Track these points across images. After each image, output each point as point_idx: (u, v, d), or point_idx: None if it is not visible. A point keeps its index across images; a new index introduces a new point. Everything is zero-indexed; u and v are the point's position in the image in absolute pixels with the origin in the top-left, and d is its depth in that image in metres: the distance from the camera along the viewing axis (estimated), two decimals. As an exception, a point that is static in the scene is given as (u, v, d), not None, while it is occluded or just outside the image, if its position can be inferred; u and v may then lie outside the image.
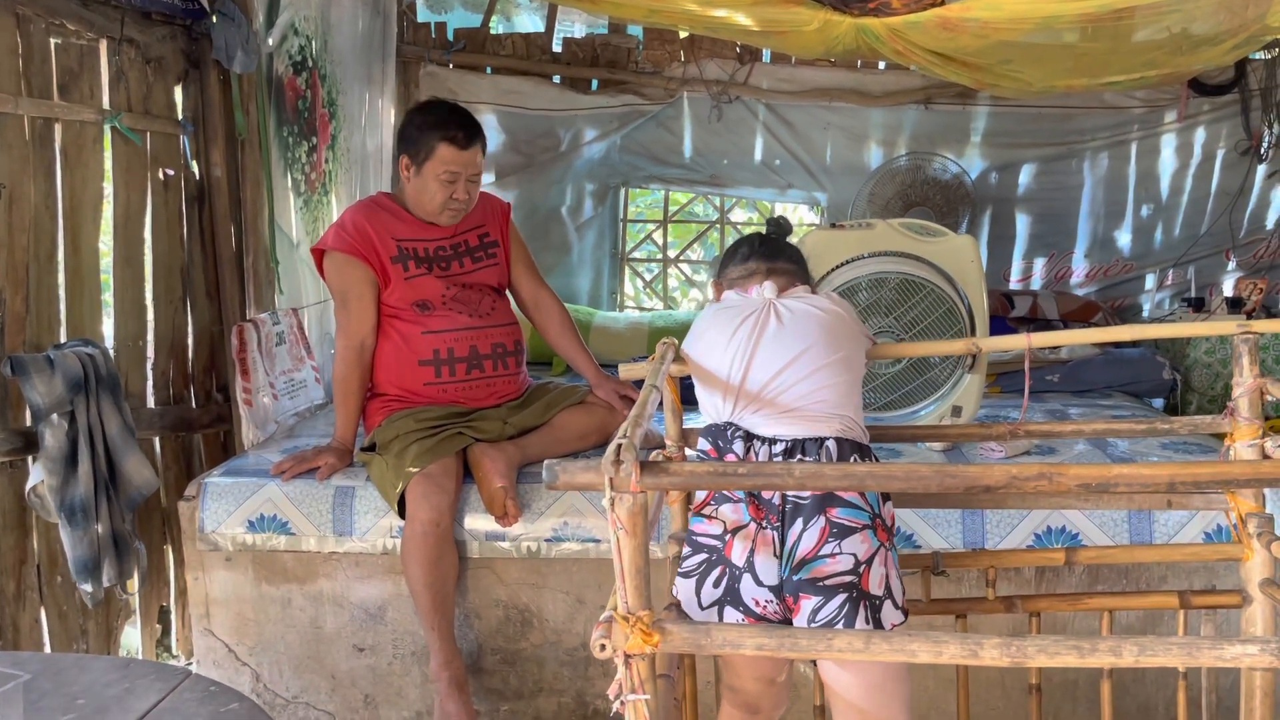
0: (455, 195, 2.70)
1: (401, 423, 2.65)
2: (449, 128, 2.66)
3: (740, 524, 1.76)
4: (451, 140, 2.66)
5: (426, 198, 2.71)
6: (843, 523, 1.74)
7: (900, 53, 3.08)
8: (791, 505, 1.76)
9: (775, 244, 2.06)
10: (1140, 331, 2.22)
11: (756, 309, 1.91)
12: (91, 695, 1.51)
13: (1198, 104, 4.72)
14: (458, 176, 2.68)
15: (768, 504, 1.77)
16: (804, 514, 1.75)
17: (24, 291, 2.60)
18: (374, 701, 2.72)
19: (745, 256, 2.03)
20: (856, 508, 1.76)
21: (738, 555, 1.75)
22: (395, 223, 2.76)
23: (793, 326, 1.88)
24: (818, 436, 1.80)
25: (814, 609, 1.72)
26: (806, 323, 1.88)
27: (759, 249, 2.04)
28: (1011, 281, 5.00)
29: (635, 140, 4.88)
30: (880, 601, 1.76)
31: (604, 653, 1.14)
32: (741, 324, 1.88)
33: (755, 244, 2.06)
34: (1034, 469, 1.11)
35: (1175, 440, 2.91)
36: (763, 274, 1.99)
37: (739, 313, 1.91)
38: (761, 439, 1.81)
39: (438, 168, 2.67)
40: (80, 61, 2.79)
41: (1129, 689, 2.60)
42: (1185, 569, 2.53)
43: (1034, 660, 1.11)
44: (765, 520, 1.76)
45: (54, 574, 2.70)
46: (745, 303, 1.94)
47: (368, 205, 2.82)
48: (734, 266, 2.03)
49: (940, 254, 2.82)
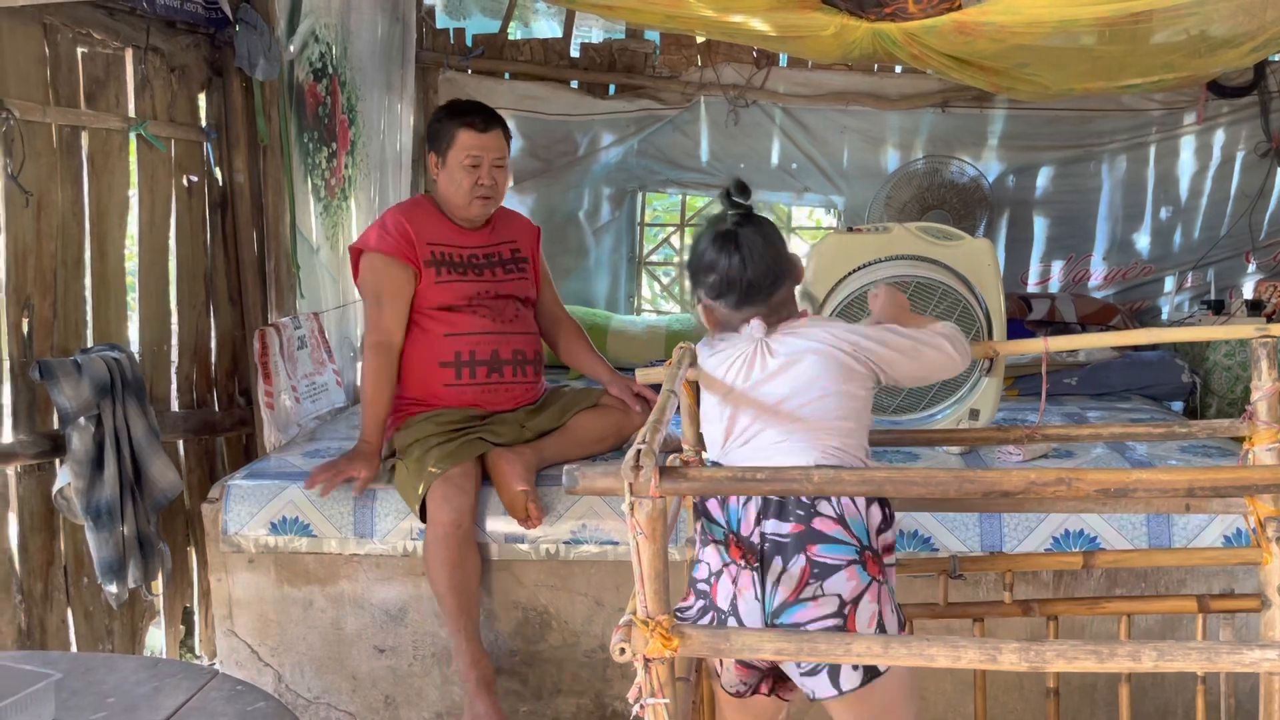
0: (480, 180, 2.74)
1: (420, 426, 2.68)
2: (466, 115, 2.77)
3: (720, 566, 1.68)
4: (470, 125, 2.74)
5: (454, 188, 2.76)
6: (825, 561, 1.62)
7: (917, 57, 3.09)
8: (771, 544, 1.64)
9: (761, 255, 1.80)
10: (1158, 335, 2.22)
11: (745, 348, 1.80)
12: (121, 694, 1.53)
13: (1216, 106, 4.70)
14: (480, 160, 2.74)
15: (747, 542, 1.66)
16: (784, 553, 1.63)
17: (52, 297, 2.64)
18: (394, 702, 2.75)
19: (745, 299, 1.81)
20: (840, 543, 1.64)
21: (722, 599, 1.67)
22: (434, 226, 2.80)
23: (786, 366, 1.76)
24: (800, 465, 1.69)
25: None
26: (801, 359, 1.76)
27: (753, 282, 1.79)
28: (1029, 284, 4.98)
29: (652, 145, 4.90)
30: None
31: (624, 656, 1.15)
32: (730, 365, 1.79)
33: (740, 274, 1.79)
34: (1052, 474, 1.12)
35: (1194, 444, 2.91)
36: (765, 313, 1.82)
37: (732, 353, 1.81)
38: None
39: (460, 154, 2.73)
40: (106, 70, 2.83)
41: (1148, 692, 2.59)
42: (1204, 572, 2.53)
43: (1052, 665, 1.12)
44: (744, 560, 1.66)
45: (80, 575, 2.73)
46: (731, 345, 1.82)
47: (409, 207, 2.88)
48: (731, 302, 1.82)
49: (957, 257, 2.82)
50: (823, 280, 2.83)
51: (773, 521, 1.65)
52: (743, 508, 1.67)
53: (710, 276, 1.82)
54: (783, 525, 1.64)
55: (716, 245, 1.81)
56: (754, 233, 1.82)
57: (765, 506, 1.66)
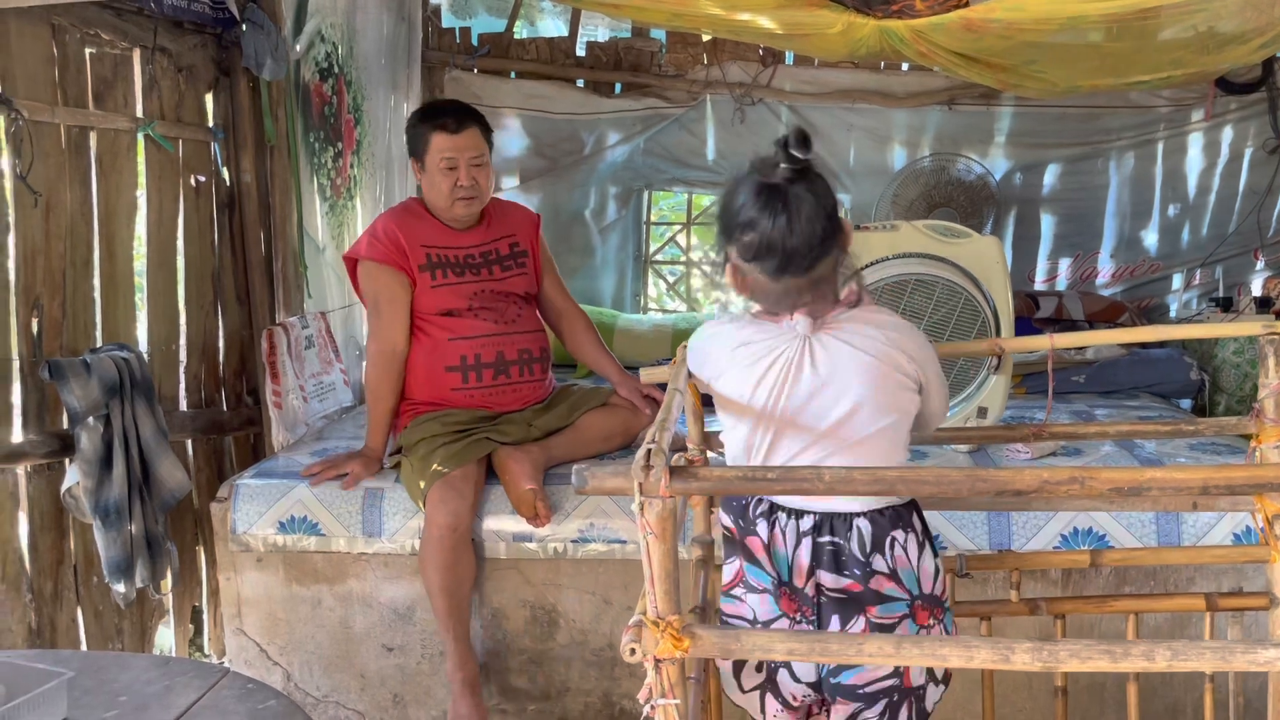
0: (459, 181, 2.72)
1: (427, 425, 2.68)
2: (438, 117, 2.75)
3: (771, 617, 1.60)
4: (442, 127, 2.72)
5: (436, 192, 2.75)
6: (882, 622, 1.57)
7: (924, 54, 3.08)
8: (828, 600, 1.57)
9: (807, 220, 1.55)
10: (1165, 332, 2.22)
11: (786, 348, 1.59)
12: (133, 692, 1.54)
13: (1225, 102, 4.68)
14: (456, 162, 2.72)
15: (801, 594, 1.58)
16: (840, 610, 1.56)
17: (61, 297, 2.65)
18: (403, 701, 2.75)
19: (776, 256, 1.57)
20: (894, 600, 1.58)
21: None
22: (426, 230, 2.79)
23: (832, 380, 1.57)
24: (847, 512, 1.58)
25: (852, 714, 1.61)
26: (849, 375, 1.57)
27: (795, 251, 1.56)
28: (1036, 282, 4.98)
29: (658, 143, 4.90)
30: (923, 689, 1.64)
31: (634, 657, 1.15)
32: (767, 371, 1.59)
33: (783, 238, 1.55)
34: (1065, 473, 1.11)
35: (1202, 441, 2.90)
36: (804, 295, 1.59)
37: (764, 352, 1.60)
38: (788, 512, 1.60)
39: (436, 158, 2.72)
40: (114, 71, 2.84)
41: (1157, 691, 2.59)
42: (1213, 570, 2.52)
43: (1065, 665, 1.11)
44: (799, 614, 1.59)
45: (90, 574, 2.74)
46: (771, 338, 1.61)
47: (399, 212, 2.86)
48: (768, 269, 1.59)
49: (965, 255, 2.82)
50: (830, 278, 2.82)
51: (829, 575, 1.57)
52: (792, 554, 1.58)
53: (748, 235, 1.58)
54: (840, 580, 1.56)
55: (761, 201, 1.57)
56: (806, 191, 1.57)
57: (817, 556, 1.57)
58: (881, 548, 1.57)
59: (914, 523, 1.63)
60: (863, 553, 1.57)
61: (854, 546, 1.57)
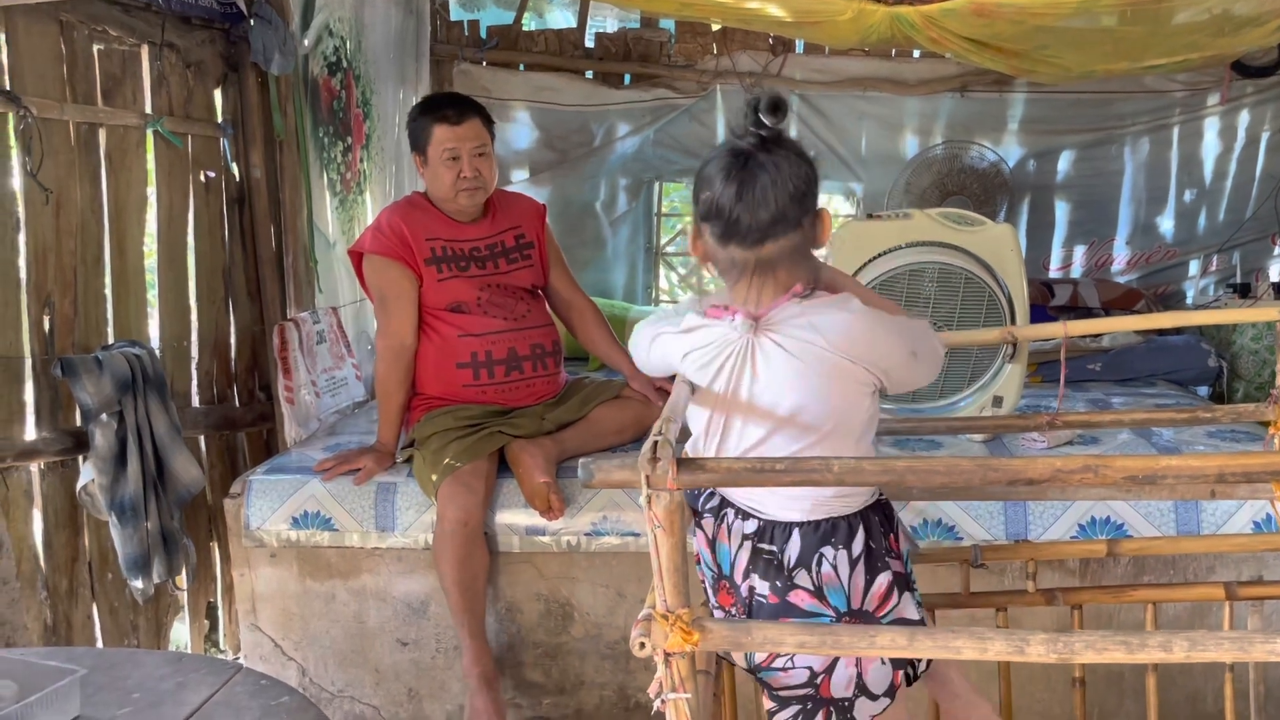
0: (463, 173, 2.71)
1: (440, 420, 2.68)
2: (438, 108, 2.74)
3: (714, 606, 1.63)
4: (443, 119, 2.71)
5: (439, 184, 2.74)
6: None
7: (935, 40, 3.06)
8: (756, 602, 1.57)
9: (764, 195, 1.49)
10: (1181, 318, 2.19)
11: (732, 347, 1.53)
12: (146, 689, 1.54)
13: (1241, 86, 4.63)
14: (459, 152, 2.70)
15: (737, 592, 1.59)
16: (762, 616, 1.56)
17: (72, 294, 2.65)
18: (418, 695, 2.76)
19: (729, 231, 1.52)
20: (814, 615, 1.55)
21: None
22: (430, 223, 2.78)
23: (770, 386, 1.52)
24: (786, 521, 1.56)
25: (771, 711, 1.62)
26: (786, 381, 1.51)
27: (743, 218, 1.50)
28: (1051, 270, 4.94)
29: (668, 134, 4.88)
30: (850, 702, 1.58)
31: (644, 651, 1.14)
32: (717, 374, 1.54)
33: (733, 203, 1.50)
34: (1079, 461, 1.10)
35: (1220, 428, 2.87)
36: (748, 271, 1.54)
37: (712, 355, 1.55)
38: (736, 511, 1.59)
39: (438, 150, 2.71)
40: (123, 67, 2.84)
41: (1176, 680, 2.57)
42: (1233, 559, 2.49)
43: (1081, 656, 1.10)
44: (734, 609, 1.59)
45: (105, 571, 2.75)
46: (717, 338, 1.55)
47: (403, 206, 2.85)
48: (714, 232, 1.54)
49: (978, 243, 2.79)
50: (842, 267, 2.80)
51: (759, 580, 1.57)
52: (735, 552, 1.59)
53: (704, 192, 1.54)
54: (763, 586, 1.56)
55: (723, 161, 1.52)
56: (769, 162, 1.51)
57: (754, 561, 1.57)
58: (808, 564, 1.55)
59: (854, 538, 1.56)
60: (787, 566, 1.56)
61: (783, 558, 1.56)
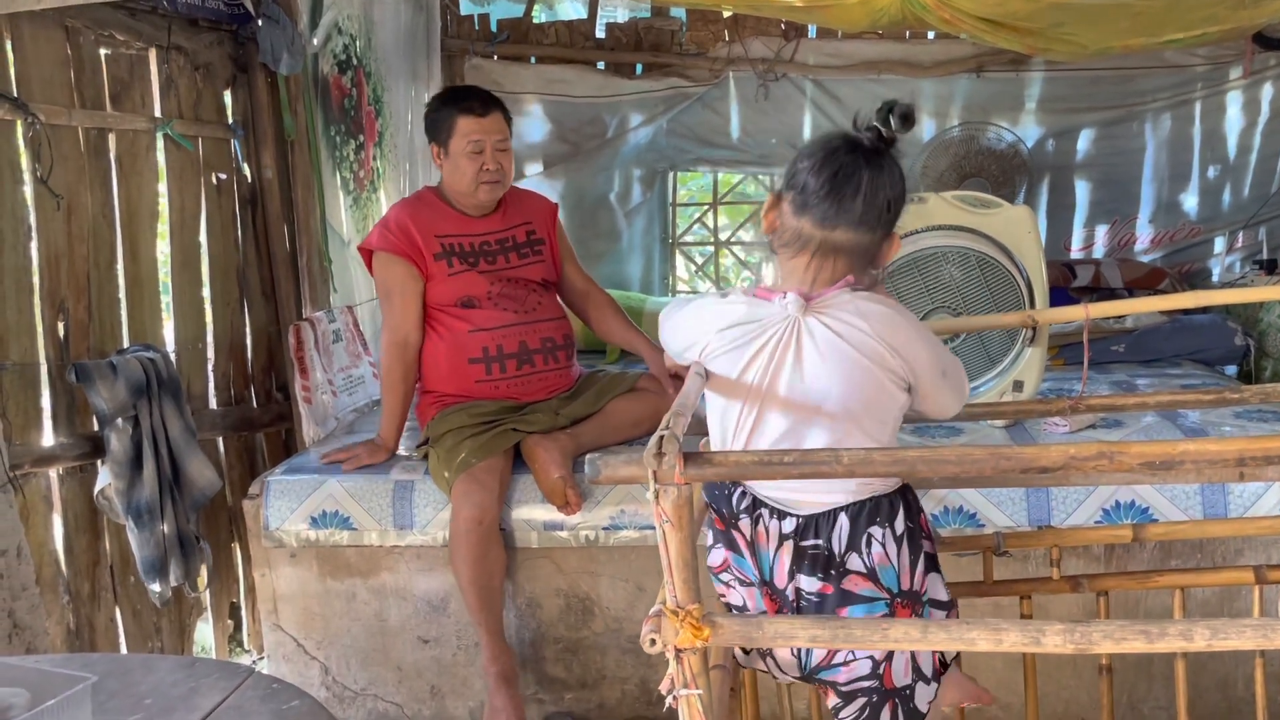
0: (486, 166, 2.70)
1: (454, 417, 2.67)
2: (463, 100, 2.74)
3: (757, 614, 1.58)
4: (468, 110, 2.70)
5: (459, 176, 2.73)
6: None
7: (948, 21, 3.01)
8: (806, 602, 1.55)
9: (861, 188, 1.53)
10: (1206, 297, 2.15)
11: (776, 330, 1.52)
12: (158, 695, 1.54)
13: (1264, 59, 4.54)
14: (483, 145, 2.70)
15: (781, 596, 1.57)
16: (816, 614, 1.54)
17: (86, 300, 2.66)
18: (440, 692, 2.75)
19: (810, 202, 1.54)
20: (870, 600, 1.54)
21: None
22: (440, 219, 2.77)
23: (815, 370, 1.51)
24: (831, 508, 1.54)
25: (836, 708, 1.61)
26: (832, 366, 1.51)
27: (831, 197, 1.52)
28: (1073, 251, 4.87)
29: (682, 123, 4.84)
30: (910, 689, 1.59)
31: (654, 648, 1.13)
32: (757, 354, 1.53)
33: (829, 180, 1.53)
34: (1093, 448, 1.07)
35: (1249, 409, 2.82)
36: (811, 248, 1.54)
37: (755, 333, 1.54)
38: (771, 510, 1.57)
39: (461, 142, 2.69)
40: (130, 71, 2.84)
41: (1206, 665, 2.53)
42: (1262, 542, 2.45)
43: (1099, 647, 1.07)
44: (782, 614, 1.56)
45: (126, 574, 2.76)
46: (761, 318, 1.54)
47: (412, 202, 2.84)
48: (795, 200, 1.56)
49: (996, 226, 2.75)
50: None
51: (805, 578, 1.55)
52: (774, 555, 1.56)
53: (802, 163, 1.56)
54: (814, 583, 1.54)
55: (832, 144, 1.56)
56: (878, 163, 1.55)
57: (798, 560, 1.54)
58: (858, 546, 1.54)
59: (896, 516, 1.57)
60: (840, 553, 1.53)
61: (834, 546, 1.54)
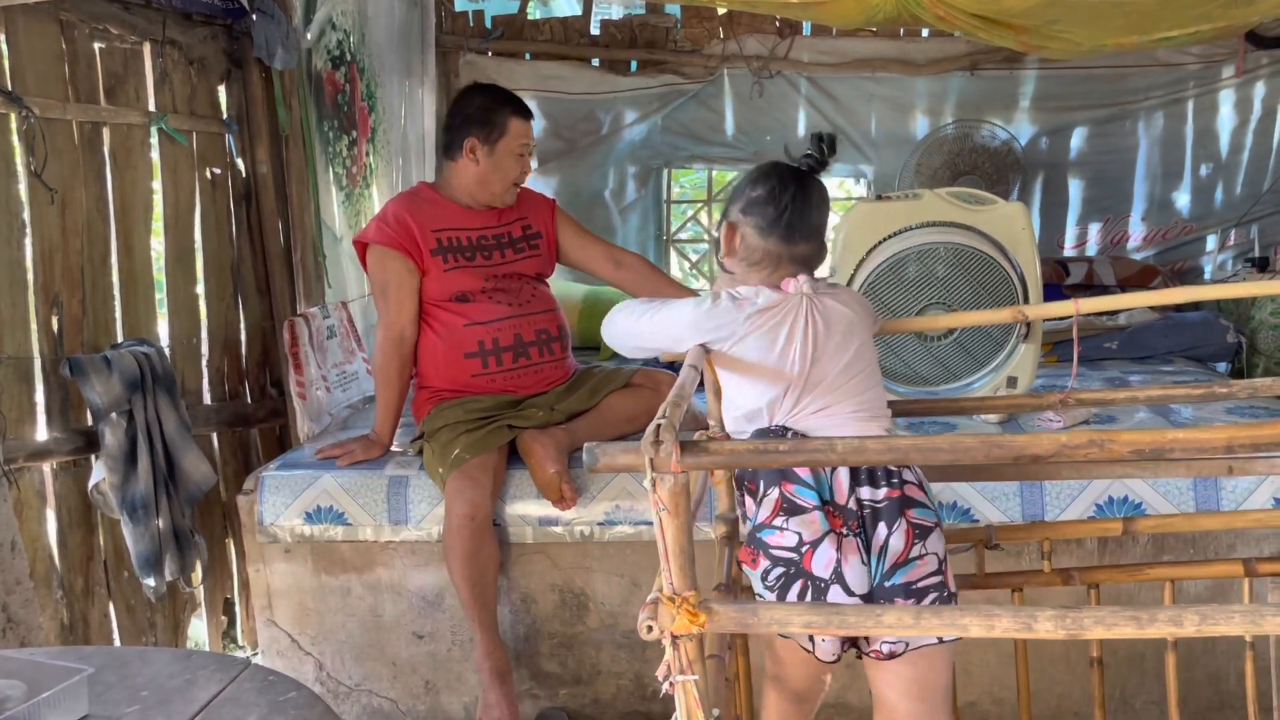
0: (525, 169, 2.79)
1: (450, 412, 2.67)
2: (515, 103, 2.79)
3: (819, 534, 1.67)
4: (520, 113, 2.77)
5: (498, 176, 2.76)
6: (921, 523, 1.69)
7: (943, 18, 3.02)
8: (870, 510, 1.69)
9: (810, 208, 1.80)
10: (1197, 293, 2.16)
11: (795, 311, 1.74)
12: (155, 687, 1.54)
13: (1256, 58, 4.57)
14: (528, 149, 2.79)
15: (844, 510, 1.69)
16: (885, 517, 1.68)
17: (80, 294, 2.66)
18: (434, 688, 2.75)
19: (773, 226, 1.78)
20: (927, 508, 1.72)
21: (820, 566, 1.66)
22: (438, 213, 2.77)
23: (834, 334, 1.75)
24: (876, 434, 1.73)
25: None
26: (845, 323, 1.77)
27: (791, 220, 1.78)
28: (1066, 248, 4.89)
29: (676, 120, 4.85)
30: (955, 597, 1.75)
31: (651, 634, 1.13)
32: (790, 336, 1.73)
33: (787, 205, 1.78)
34: (1084, 436, 1.08)
35: (1241, 404, 2.83)
36: (783, 262, 1.79)
37: (781, 317, 1.74)
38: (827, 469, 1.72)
39: (514, 143, 2.75)
40: (125, 65, 2.83)
41: (1198, 660, 2.54)
42: (1254, 535, 2.46)
43: (1090, 632, 1.08)
44: (845, 527, 1.68)
45: (121, 569, 2.76)
46: (781, 303, 1.74)
47: (408, 197, 2.84)
48: (759, 225, 1.79)
49: (990, 222, 2.76)
50: (853, 249, 2.78)
51: (867, 489, 1.69)
52: (830, 475, 1.69)
53: (756, 190, 1.80)
54: (878, 491, 1.68)
55: (779, 173, 1.80)
56: (819, 184, 1.83)
57: (855, 474, 1.69)
58: (904, 468, 1.71)
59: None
60: (895, 466, 1.69)
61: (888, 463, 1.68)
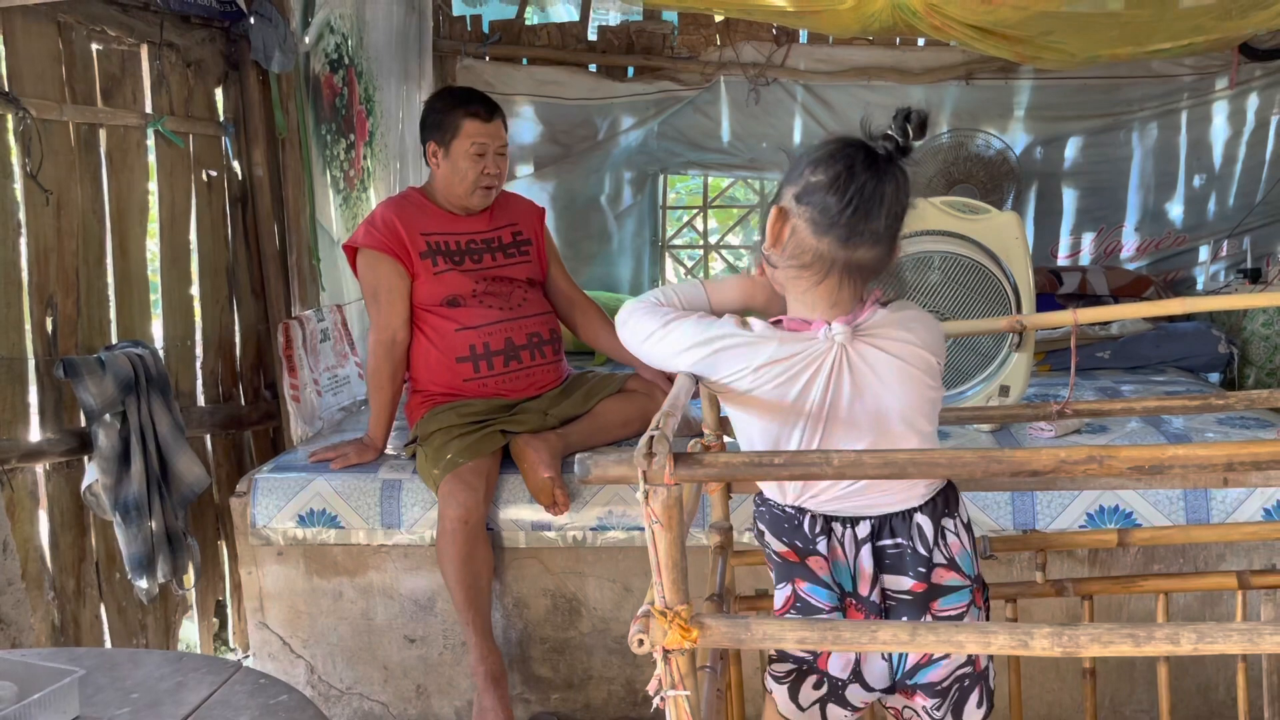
0: (486, 170, 2.72)
1: (443, 416, 2.67)
2: (470, 103, 2.73)
3: None
4: (475, 114, 2.70)
5: (458, 179, 2.73)
6: (949, 613, 1.53)
7: (938, 28, 3.03)
8: (894, 603, 1.52)
9: (880, 203, 1.44)
10: (1190, 304, 2.16)
11: (821, 361, 1.46)
12: (146, 689, 1.54)
13: (1249, 69, 4.59)
14: (486, 149, 2.71)
15: (867, 602, 1.52)
16: (909, 612, 1.52)
17: (75, 295, 2.65)
18: (426, 692, 2.75)
19: (833, 223, 1.44)
20: (957, 590, 1.53)
21: (837, 667, 1.54)
22: (426, 218, 2.77)
23: (869, 389, 1.47)
24: (905, 510, 1.52)
25: (931, 707, 1.57)
26: (887, 384, 1.48)
27: (855, 217, 1.43)
28: (1059, 258, 4.91)
29: (673, 126, 4.86)
30: (988, 669, 1.60)
31: (642, 648, 1.13)
32: (806, 388, 1.46)
33: (853, 198, 1.43)
34: (1083, 452, 1.08)
35: (1232, 416, 2.84)
36: (837, 270, 1.46)
37: (798, 367, 1.46)
38: (843, 522, 1.53)
39: (465, 144, 2.70)
40: (122, 67, 2.83)
41: (1188, 670, 2.55)
42: (1244, 547, 2.47)
43: (1087, 650, 1.08)
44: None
45: (112, 571, 2.75)
46: (800, 351, 1.46)
47: (398, 201, 2.84)
48: (814, 218, 1.46)
49: (984, 231, 2.77)
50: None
51: (891, 578, 1.53)
52: (853, 563, 1.53)
53: (815, 176, 1.46)
54: (903, 581, 1.52)
55: (848, 154, 1.44)
56: (899, 173, 1.46)
57: (879, 561, 1.52)
58: (939, 541, 1.53)
59: (959, 504, 1.58)
60: (925, 549, 1.52)
61: (918, 545, 1.51)
